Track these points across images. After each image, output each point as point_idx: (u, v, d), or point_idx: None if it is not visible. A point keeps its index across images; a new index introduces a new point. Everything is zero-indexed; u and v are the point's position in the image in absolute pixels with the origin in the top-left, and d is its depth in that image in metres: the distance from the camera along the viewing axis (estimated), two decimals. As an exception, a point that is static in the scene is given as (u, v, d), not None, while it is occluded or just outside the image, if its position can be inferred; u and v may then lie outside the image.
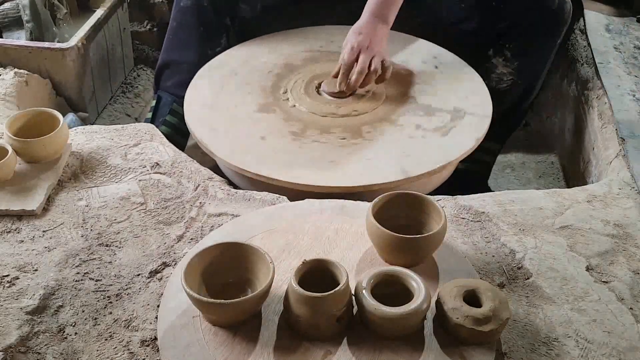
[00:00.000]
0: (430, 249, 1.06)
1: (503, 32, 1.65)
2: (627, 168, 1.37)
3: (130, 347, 0.99)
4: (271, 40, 1.77)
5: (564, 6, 1.62)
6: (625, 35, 1.84)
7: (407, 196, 1.10)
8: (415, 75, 1.63)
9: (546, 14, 1.61)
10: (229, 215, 1.24)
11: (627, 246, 1.18)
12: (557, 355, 0.98)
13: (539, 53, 1.65)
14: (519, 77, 1.66)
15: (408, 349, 0.93)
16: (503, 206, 1.27)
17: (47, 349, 0.99)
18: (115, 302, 1.07)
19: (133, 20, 2.22)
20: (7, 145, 1.28)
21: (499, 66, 1.67)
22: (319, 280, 0.94)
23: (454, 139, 1.43)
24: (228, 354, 0.93)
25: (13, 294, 1.07)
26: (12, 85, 1.68)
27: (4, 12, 1.86)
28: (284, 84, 1.60)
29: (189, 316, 0.98)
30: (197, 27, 1.72)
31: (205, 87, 1.61)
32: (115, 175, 1.34)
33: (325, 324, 0.93)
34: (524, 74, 1.67)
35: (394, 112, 1.51)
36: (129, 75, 2.17)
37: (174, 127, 1.72)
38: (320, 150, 1.40)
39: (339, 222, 1.16)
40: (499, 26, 1.65)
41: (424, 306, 0.92)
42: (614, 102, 1.56)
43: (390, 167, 1.35)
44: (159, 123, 1.71)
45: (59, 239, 1.18)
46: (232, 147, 1.42)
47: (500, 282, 1.11)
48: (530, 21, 1.61)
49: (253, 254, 0.99)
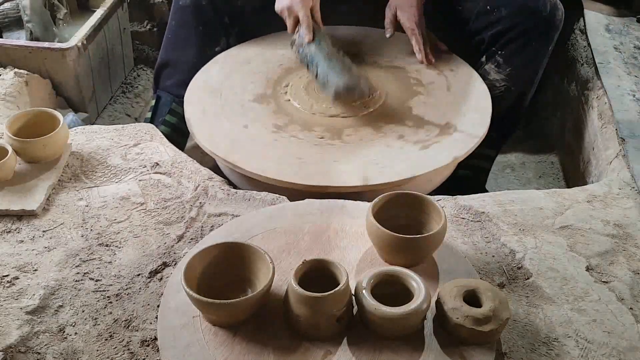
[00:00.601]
0: (430, 249, 1.06)
1: (495, 39, 1.65)
2: (627, 168, 1.37)
3: (130, 347, 0.99)
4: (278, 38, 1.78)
5: (555, 12, 1.62)
6: (625, 35, 1.84)
7: (407, 196, 1.10)
8: (424, 84, 1.61)
9: (537, 19, 1.60)
10: (229, 215, 1.24)
11: (627, 246, 1.18)
12: (557, 355, 0.98)
13: (531, 59, 1.65)
14: (511, 83, 1.66)
15: (408, 349, 0.93)
16: (503, 206, 1.27)
17: (47, 349, 0.99)
18: (115, 302, 1.07)
19: (133, 20, 2.22)
20: (7, 145, 1.28)
21: (492, 73, 1.67)
22: (319, 280, 0.94)
23: (430, 154, 1.40)
24: (228, 354, 0.93)
25: (13, 294, 1.07)
26: (12, 85, 1.68)
27: (4, 12, 1.86)
28: (288, 79, 1.61)
29: (189, 316, 0.98)
30: (196, 26, 1.72)
31: (215, 72, 1.65)
32: (115, 175, 1.34)
33: (325, 324, 0.93)
34: (517, 80, 1.66)
35: (383, 119, 1.50)
36: (129, 75, 2.17)
37: (174, 127, 1.73)
38: (294, 147, 1.41)
39: (339, 222, 1.16)
40: (491, 32, 1.65)
41: (424, 306, 0.92)
42: (614, 102, 1.56)
43: (352, 173, 1.34)
44: (158, 123, 1.71)
45: (59, 239, 1.18)
46: (211, 131, 1.45)
47: (500, 282, 1.11)
48: (521, 27, 1.61)
49: (253, 254, 0.99)
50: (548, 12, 1.60)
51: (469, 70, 1.66)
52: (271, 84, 1.62)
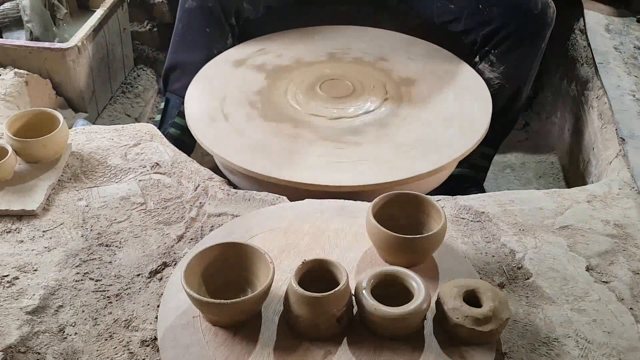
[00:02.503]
0: (430, 249, 1.06)
1: (488, 38, 1.65)
2: (627, 168, 1.37)
3: (130, 347, 0.99)
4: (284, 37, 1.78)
5: (546, 10, 1.62)
6: (625, 35, 1.84)
7: (407, 196, 1.10)
8: (425, 84, 1.61)
9: (529, 17, 1.61)
10: (229, 215, 1.24)
11: (627, 246, 1.18)
12: (557, 355, 0.98)
13: (524, 57, 1.65)
14: (505, 81, 1.66)
15: (408, 349, 0.93)
16: (503, 206, 1.26)
17: (47, 349, 0.99)
18: (115, 302, 1.07)
19: (133, 20, 2.22)
20: (7, 145, 1.28)
21: (486, 72, 1.67)
22: (319, 280, 0.94)
23: (430, 154, 1.39)
24: (228, 354, 0.93)
25: (13, 294, 1.07)
26: (12, 85, 1.68)
27: (4, 12, 1.86)
28: (289, 78, 1.62)
29: (189, 316, 0.98)
30: (203, 28, 1.72)
31: (215, 72, 1.67)
32: (115, 176, 1.34)
33: (325, 324, 0.93)
34: (511, 78, 1.67)
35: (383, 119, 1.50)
36: (129, 75, 2.16)
37: (183, 129, 1.72)
38: (294, 146, 1.42)
39: (339, 222, 1.16)
40: (483, 31, 1.65)
41: (424, 306, 0.92)
42: (614, 102, 1.56)
43: (353, 173, 1.35)
44: (167, 125, 1.73)
45: (59, 239, 1.18)
46: (211, 130, 1.47)
47: (500, 282, 1.11)
48: (513, 26, 1.62)
49: (253, 254, 0.99)
50: (539, 10, 1.61)
51: (469, 70, 1.66)
52: (271, 84, 1.62)
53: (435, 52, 1.72)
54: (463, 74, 1.65)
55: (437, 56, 1.71)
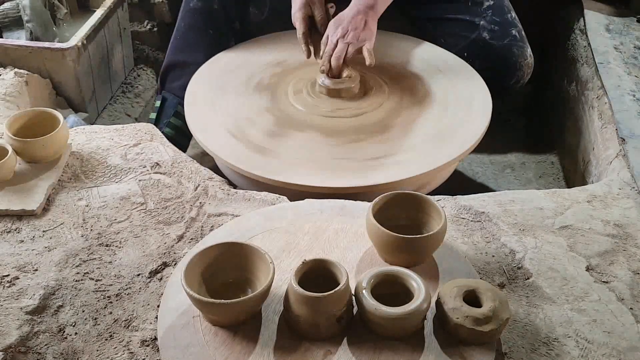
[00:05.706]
0: (430, 249, 1.06)
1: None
2: (627, 168, 1.37)
3: (130, 347, 0.99)
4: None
5: (522, 82, 1.69)
6: (625, 35, 1.84)
7: (407, 196, 1.10)
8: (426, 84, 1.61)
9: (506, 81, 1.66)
10: (229, 215, 1.24)
11: (627, 246, 1.18)
12: (557, 355, 0.98)
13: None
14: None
15: (408, 349, 0.93)
16: (503, 206, 1.26)
17: (47, 349, 0.99)
18: (115, 302, 1.07)
19: (133, 20, 2.22)
20: (7, 145, 1.28)
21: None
22: (319, 280, 0.94)
23: (430, 153, 1.39)
24: (228, 354, 0.93)
25: (13, 294, 1.07)
26: (12, 85, 1.68)
27: (4, 12, 1.86)
28: (288, 79, 1.62)
29: (189, 316, 0.98)
30: (206, 29, 1.71)
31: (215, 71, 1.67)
32: (115, 175, 1.34)
33: (325, 324, 0.93)
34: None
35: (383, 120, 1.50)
36: (129, 75, 2.16)
37: (178, 129, 1.72)
38: (294, 146, 1.42)
39: (339, 222, 1.16)
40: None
41: (424, 306, 0.92)
42: (614, 102, 1.56)
43: (352, 172, 1.34)
44: (163, 125, 1.71)
45: (59, 239, 1.18)
46: (211, 130, 1.47)
47: (500, 282, 1.11)
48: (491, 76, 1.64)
49: (253, 254, 0.99)
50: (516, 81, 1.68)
51: (469, 69, 1.66)
52: (271, 84, 1.62)
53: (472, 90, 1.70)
54: (463, 73, 1.65)
55: (438, 57, 1.71)
